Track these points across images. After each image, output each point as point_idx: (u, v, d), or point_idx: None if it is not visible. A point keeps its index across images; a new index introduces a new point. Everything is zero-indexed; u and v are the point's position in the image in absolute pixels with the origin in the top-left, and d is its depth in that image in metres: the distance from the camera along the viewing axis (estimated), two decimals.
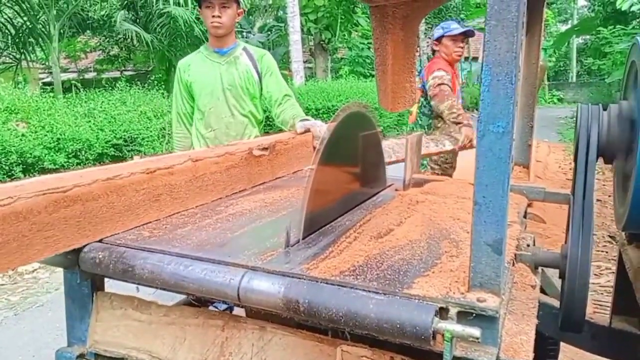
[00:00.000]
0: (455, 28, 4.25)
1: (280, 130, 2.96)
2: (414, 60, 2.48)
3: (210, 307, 1.86)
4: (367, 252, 1.32)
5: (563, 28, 31.90)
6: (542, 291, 1.77)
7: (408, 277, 1.16)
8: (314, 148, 2.57)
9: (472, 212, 1.01)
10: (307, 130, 2.67)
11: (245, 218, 1.66)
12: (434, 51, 4.44)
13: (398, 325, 1.02)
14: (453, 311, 1.04)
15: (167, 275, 1.23)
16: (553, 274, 2.22)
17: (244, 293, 1.16)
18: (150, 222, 1.55)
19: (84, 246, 1.36)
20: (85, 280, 1.42)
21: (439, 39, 4.30)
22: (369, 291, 1.10)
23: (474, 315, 1.02)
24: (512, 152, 0.98)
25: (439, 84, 4.03)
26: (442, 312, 1.05)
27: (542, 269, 1.74)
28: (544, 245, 1.98)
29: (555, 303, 1.97)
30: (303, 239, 1.42)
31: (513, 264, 1.49)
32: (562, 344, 2.24)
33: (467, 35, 4.29)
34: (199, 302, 1.63)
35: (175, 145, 3.34)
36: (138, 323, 1.43)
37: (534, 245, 1.74)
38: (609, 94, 17.39)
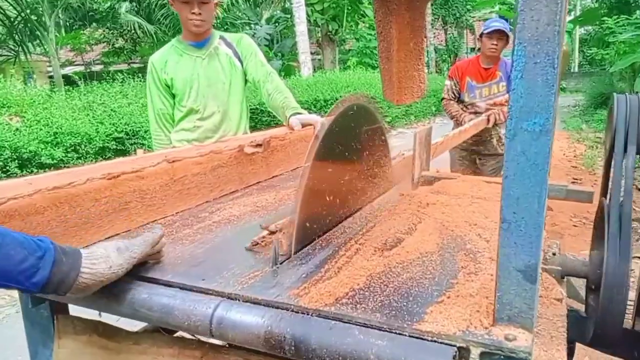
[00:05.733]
0: (491, 26, 4.40)
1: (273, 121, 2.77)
2: (422, 45, 2.24)
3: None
4: (370, 270, 1.11)
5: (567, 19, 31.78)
6: None
7: (418, 305, 0.95)
8: None
9: (499, 232, 0.80)
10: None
11: (231, 226, 1.45)
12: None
13: None
14: (475, 352, 0.83)
15: (126, 302, 1.02)
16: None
17: (217, 327, 0.94)
18: (118, 234, 1.35)
19: None
20: (40, 303, 1.22)
21: (480, 36, 4.58)
22: (371, 327, 0.89)
23: (501, 357, 0.82)
24: (551, 158, 0.76)
25: (442, 98, 4.80)
26: (462, 352, 0.84)
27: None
28: None
29: (579, 306, 1.79)
30: (294, 253, 1.22)
31: None
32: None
33: (500, 32, 4.36)
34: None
35: (155, 148, 2.99)
36: (104, 351, 1.23)
37: (559, 253, 1.52)
38: (610, 83, 17.39)
